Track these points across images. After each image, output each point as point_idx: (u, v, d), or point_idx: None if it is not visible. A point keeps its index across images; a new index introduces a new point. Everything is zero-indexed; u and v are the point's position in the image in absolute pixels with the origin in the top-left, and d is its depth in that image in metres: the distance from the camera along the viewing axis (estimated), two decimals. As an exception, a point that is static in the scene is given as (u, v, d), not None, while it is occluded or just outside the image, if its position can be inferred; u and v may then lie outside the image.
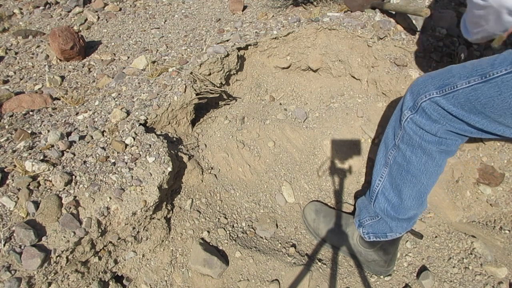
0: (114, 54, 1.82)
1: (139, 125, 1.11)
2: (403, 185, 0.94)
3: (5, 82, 1.58)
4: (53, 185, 0.89)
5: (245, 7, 2.17)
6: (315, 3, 1.89)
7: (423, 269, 1.08)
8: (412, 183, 0.92)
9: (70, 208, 0.85)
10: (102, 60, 1.78)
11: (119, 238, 0.93)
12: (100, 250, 0.91)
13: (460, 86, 0.76)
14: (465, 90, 0.76)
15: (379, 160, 1.01)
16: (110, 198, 0.90)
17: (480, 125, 0.78)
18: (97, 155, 0.99)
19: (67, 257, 0.82)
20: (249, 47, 1.50)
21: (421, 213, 1.04)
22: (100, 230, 0.86)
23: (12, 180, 0.89)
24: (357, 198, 1.19)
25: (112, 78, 1.53)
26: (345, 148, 1.36)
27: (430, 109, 0.83)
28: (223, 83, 1.43)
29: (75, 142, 1.03)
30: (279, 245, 1.13)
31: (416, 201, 0.95)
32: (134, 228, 0.95)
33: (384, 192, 0.98)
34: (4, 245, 0.76)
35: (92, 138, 1.06)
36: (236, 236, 1.12)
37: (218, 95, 1.37)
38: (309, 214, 1.17)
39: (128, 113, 1.16)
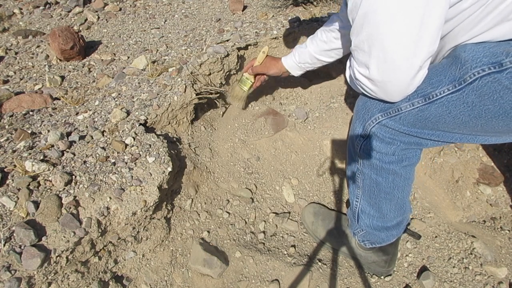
0: (114, 54, 1.82)
1: (139, 125, 1.11)
2: (379, 202, 0.93)
3: (5, 82, 1.58)
4: (53, 185, 0.89)
5: (245, 7, 2.17)
6: (315, 3, 1.89)
7: (423, 269, 1.08)
8: (387, 199, 0.92)
9: (70, 208, 0.85)
10: (102, 60, 1.78)
11: (119, 238, 0.93)
12: (100, 250, 0.91)
13: (404, 109, 0.74)
14: (411, 112, 0.73)
15: (351, 182, 1.00)
16: (110, 198, 0.90)
17: (436, 138, 0.76)
18: (97, 155, 0.99)
19: (67, 257, 0.82)
20: (249, 47, 1.50)
21: (409, 217, 1.03)
22: (100, 230, 0.86)
23: (12, 180, 0.89)
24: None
25: (112, 78, 1.53)
26: (345, 148, 1.36)
27: (381, 132, 0.81)
28: (223, 83, 1.43)
29: (75, 142, 1.03)
30: (279, 245, 1.12)
31: (398, 211, 0.95)
32: (134, 228, 0.95)
33: (364, 211, 0.97)
34: (4, 245, 0.76)
35: (92, 138, 1.06)
36: (236, 236, 1.12)
37: (218, 95, 1.37)
38: (308, 217, 1.17)
39: (128, 113, 1.16)
